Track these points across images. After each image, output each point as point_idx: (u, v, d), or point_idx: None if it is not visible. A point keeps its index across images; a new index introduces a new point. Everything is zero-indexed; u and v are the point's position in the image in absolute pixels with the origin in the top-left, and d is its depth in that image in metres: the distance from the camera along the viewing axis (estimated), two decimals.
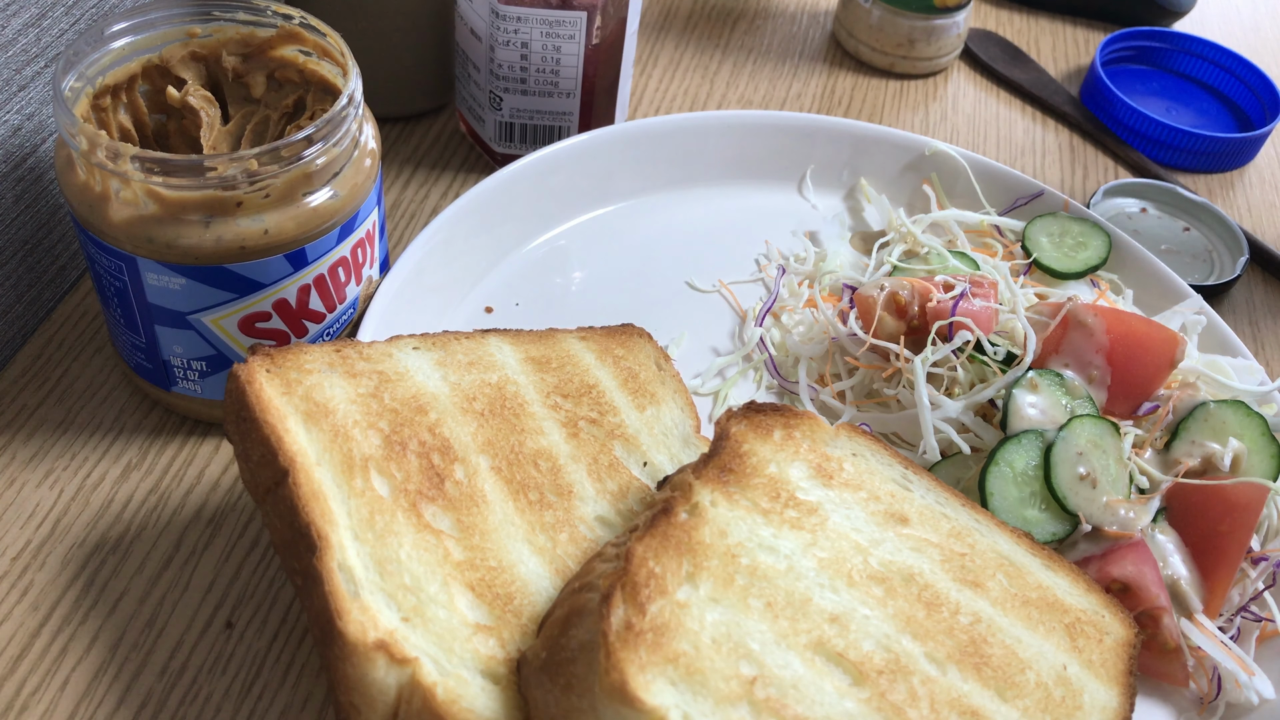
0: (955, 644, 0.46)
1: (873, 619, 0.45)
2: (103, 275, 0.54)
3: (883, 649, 0.44)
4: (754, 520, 0.46)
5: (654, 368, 0.58)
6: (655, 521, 0.43)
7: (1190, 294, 0.69)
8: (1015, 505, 0.55)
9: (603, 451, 0.53)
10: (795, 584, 0.44)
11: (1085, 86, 0.93)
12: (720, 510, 0.45)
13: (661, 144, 0.75)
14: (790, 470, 0.49)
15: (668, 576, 0.42)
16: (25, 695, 0.50)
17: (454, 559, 0.46)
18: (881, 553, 0.47)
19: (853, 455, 0.51)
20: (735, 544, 0.44)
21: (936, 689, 0.44)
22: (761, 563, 0.44)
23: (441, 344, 0.55)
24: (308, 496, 0.45)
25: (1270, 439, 0.58)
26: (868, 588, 0.46)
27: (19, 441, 0.59)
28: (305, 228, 0.53)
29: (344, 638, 0.42)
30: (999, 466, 0.56)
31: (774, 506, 0.47)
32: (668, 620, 0.40)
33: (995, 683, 0.45)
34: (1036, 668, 0.47)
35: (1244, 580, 0.56)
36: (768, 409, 0.50)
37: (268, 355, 0.50)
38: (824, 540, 0.46)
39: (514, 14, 0.68)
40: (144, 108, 0.58)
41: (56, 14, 0.61)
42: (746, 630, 0.42)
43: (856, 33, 0.93)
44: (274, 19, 0.58)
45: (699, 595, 0.42)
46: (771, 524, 0.46)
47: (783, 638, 0.42)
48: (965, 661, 0.45)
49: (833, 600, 0.44)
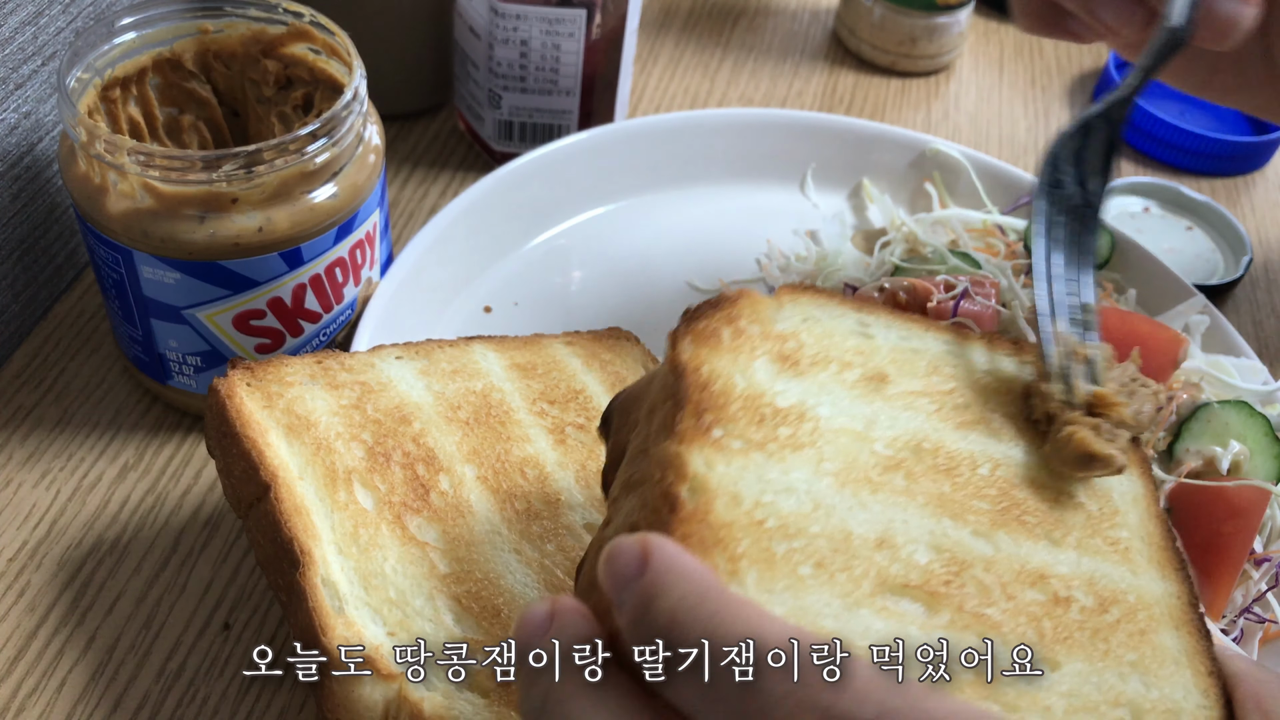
0: (990, 505, 0.43)
1: (910, 520, 0.41)
2: (101, 267, 0.55)
3: (935, 551, 0.41)
4: (756, 462, 0.41)
5: (641, 371, 0.58)
6: (665, 525, 0.38)
7: (1193, 293, 0.69)
8: None
9: (590, 458, 0.52)
10: (829, 521, 0.40)
11: (1098, 90, 0.92)
12: (720, 470, 0.40)
13: (662, 143, 0.75)
14: (757, 374, 0.43)
15: None
16: (22, 697, 0.49)
17: (440, 572, 0.46)
18: (881, 431, 0.43)
19: (804, 322, 0.46)
20: (753, 505, 0.39)
21: (1000, 569, 0.41)
22: (787, 514, 0.40)
23: (425, 353, 0.54)
24: (290, 511, 0.45)
25: (1274, 440, 0.57)
26: (889, 482, 0.42)
27: (15, 441, 0.59)
28: (301, 226, 0.53)
29: (329, 654, 0.41)
30: None
31: (765, 432, 0.42)
32: None
33: (1042, 529, 0.43)
34: (1068, 490, 0.44)
35: (1247, 582, 0.56)
36: (703, 309, 0.44)
37: (248, 369, 0.50)
38: (827, 448, 0.42)
39: (513, 11, 0.68)
40: (154, 101, 0.58)
41: (54, 12, 0.61)
42: (814, 610, 0.38)
43: (858, 31, 0.92)
44: (285, 16, 0.58)
45: (750, 593, 0.37)
46: (773, 456, 0.41)
47: (848, 598, 0.38)
48: (1009, 521, 0.42)
49: (866, 521, 0.41)
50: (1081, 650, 0.40)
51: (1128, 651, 0.41)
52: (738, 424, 0.41)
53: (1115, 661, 0.40)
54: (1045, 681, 0.39)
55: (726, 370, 0.42)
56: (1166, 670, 0.41)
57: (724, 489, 0.39)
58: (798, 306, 0.46)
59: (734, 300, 0.44)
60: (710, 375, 0.42)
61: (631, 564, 0.32)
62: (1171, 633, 0.42)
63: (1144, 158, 0.87)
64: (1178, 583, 0.44)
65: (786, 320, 0.46)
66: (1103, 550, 0.43)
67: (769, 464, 0.40)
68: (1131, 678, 0.40)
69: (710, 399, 0.41)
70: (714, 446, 0.40)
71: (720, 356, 0.43)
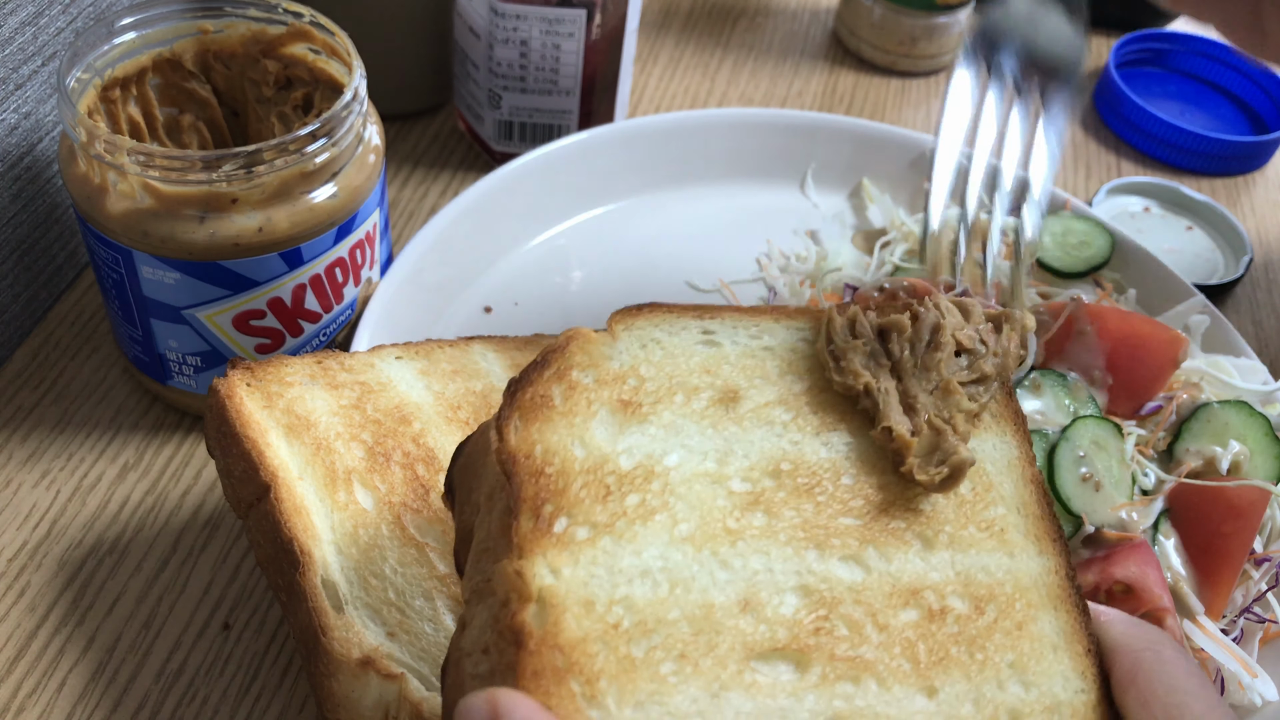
0: (857, 520, 0.40)
1: (774, 567, 0.39)
2: (101, 267, 0.55)
3: (802, 595, 0.38)
4: (605, 550, 0.37)
5: None
6: (513, 664, 0.34)
7: (1194, 293, 0.69)
8: None
9: None
10: (688, 599, 0.37)
11: (1098, 89, 0.92)
12: (567, 574, 0.36)
13: (662, 142, 0.75)
14: (596, 436, 0.40)
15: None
16: (22, 697, 0.49)
17: (439, 572, 0.46)
18: (736, 464, 0.40)
19: (643, 349, 0.42)
20: (607, 607, 0.36)
21: (871, 596, 0.39)
22: (643, 605, 0.36)
23: (425, 353, 0.54)
24: (290, 512, 0.45)
25: (1273, 440, 0.57)
26: (748, 526, 0.39)
27: (15, 442, 0.59)
28: (301, 226, 0.53)
29: (329, 654, 0.41)
30: None
31: (612, 508, 0.38)
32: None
33: (913, 531, 0.41)
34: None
35: (1247, 582, 0.56)
36: (528, 374, 0.40)
37: (248, 369, 0.50)
38: (679, 506, 0.39)
39: (513, 11, 0.68)
40: (154, 101, 0.58)
41: (54, 12, 0.61)
42: (680, 712, 0.35)
43: (858, 30, 0.92)
44: (285, 16, 0.58)
45: (612, 715, 0.34)
46: (623, 538, 0.37)
47: (714, 684, 0.36)
48: (877, 533, 0.40)
49: (728, 583, 0.38)
50: (959, 668, 0.39)
51: (1006, 653, 0.40)
52: (582, 507, 0.38)
53: (993, 670, 0.40)
54: (921, 716, 0.38)
55: (562, 443, 0.39)
56: (1045, 662, 0.41)
57: (574, 597, 0.36)
58: (632, 333, 0.43)
59: (562, 348, 0.41)
60: (545, 456, 0.39)
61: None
62: (1050, 615, 0.42)
63: (1144, 158, 0.87)
64: (1054, 555, 0.43)
65: (624, 354, 0.42)
66: (976, 539, 0.42)
67: (619, 548, 0.38)
68: (1010, 683, 0.40)
69: (548, 486, 0.38)
70: (558, 546, 0.37)
71: (554, 428, 0.40)
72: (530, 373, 0.40)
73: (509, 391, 0.39)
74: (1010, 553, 0.42)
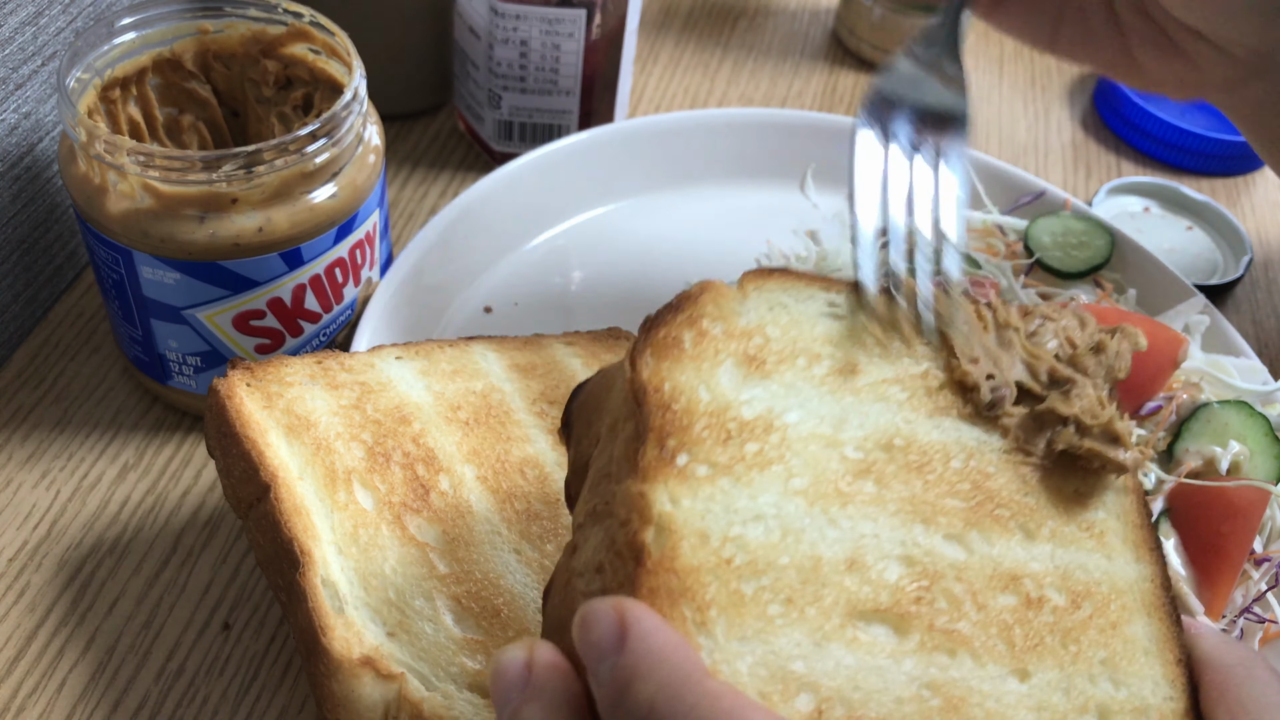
0: (963, 502, 0.41)
1: (881, 534, 0.40)
2: (101, 267, 0.55)
3: (906, 565, 0.40)
4: (723, 489, 0.39)
5: None
6: (631, 578, 0.36)
7: (1194, 293, 0.69)
8: None
9: None
10: (798, 549, 0.39)
11: (1098, 89, 0.92)
12: (686, 505, 0.38)
13: (662, 142, 0.75)
14: (722, 383, 0.41)
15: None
16: (22, 697, 0.49)
17: (439, 572, 0.46)
18: (851, 432, 0.42)
19: (770, 311, 0.44)
20: (721, 542, 0.38)
21: (972, 576, 0.40)
22: (755, 547, 0.38)
23: (425, 353, 0.54)
24: (290, 512, 0.45)
25: (1274, 440, 0.57)
26: (859, 491, 0.41)
27: (15, 442, 0.59)
28: (301, 226, 0.53)
29: (329, 654, 0.41)
30: None
31: (732, 451, 0.39)
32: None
33: (1016, 521, 0.42)
34: (1045, 469, 0.43)
35: (1247, 582, 0.56)
36: (663, 315, 0.41)
37: (248, 369, 0.50)
38: (795, 461, 0.40)
39: (513, 11, 0.68)
40: (154, 101, 0.58)
41: (54, 12, 0.61)
42: (784, 653, 0.37)
43: (858, 31, 0.92)
44: (285, 17, 0.58)
45: (720, 645, 0.36)
46: (740, 480, 0.39)
47: (818, 633, 0.37)
48: (982, 518, 0.41)
49: (836, 540, 0.39)
50: (1052, 656, 0.40)
51: (1098, 650, 0.41)
52: (703, 446, 0.40)
53: (1085, 664, 0.40)
54: (1013, 697, 0.39)
55: (689, 384, 0.41)
56: (1136, 664, 0.41)
57: (690, 528, 0.38)
58: (763, 294, 0.45)
59: (696, 297, 0.42)
60: (673, 393, 0.40)
61: (608, 636, 0.32)
62: (1143, 620, 0.42)
63: (1144, 158, 0.87)
64: (1151, 564, 0.44)
65: (751, 312, 0.44)
66: (1078, 538, 0.43)
67: (736, 490, 0.39)
68: (1101, 679, 0.40)
69: (674, 421, 0.40)
70: (679, 478, 0.39)
71: (682, 368, 0.41)
72: (664, 314, 0.42)
73: (644, 328, 0.41)
74: (1109, 555, 0.43)
